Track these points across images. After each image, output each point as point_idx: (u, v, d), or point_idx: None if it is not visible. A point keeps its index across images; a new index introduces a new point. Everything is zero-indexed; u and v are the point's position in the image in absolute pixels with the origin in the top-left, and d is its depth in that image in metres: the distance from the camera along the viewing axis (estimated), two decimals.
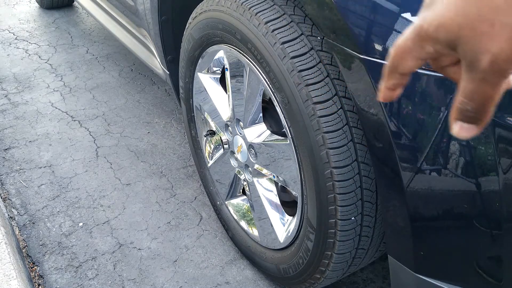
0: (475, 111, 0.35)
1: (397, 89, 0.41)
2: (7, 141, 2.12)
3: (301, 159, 1.02)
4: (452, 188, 0.77)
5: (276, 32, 0.97)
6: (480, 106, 0.34)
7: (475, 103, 0.34)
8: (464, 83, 0.34)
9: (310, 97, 0.92)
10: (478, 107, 0.34)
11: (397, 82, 0.40)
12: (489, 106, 0.34)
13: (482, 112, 0.35)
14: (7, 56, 2.94)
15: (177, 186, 1.83)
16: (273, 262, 1.30)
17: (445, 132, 0.74)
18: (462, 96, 0.35)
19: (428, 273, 0.86)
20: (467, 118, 0.35)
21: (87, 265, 1.50)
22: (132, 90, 2.54)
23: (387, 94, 0.42)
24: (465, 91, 0.34)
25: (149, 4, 1.56)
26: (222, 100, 1.36)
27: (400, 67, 0.38)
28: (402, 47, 0.37)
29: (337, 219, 0.98)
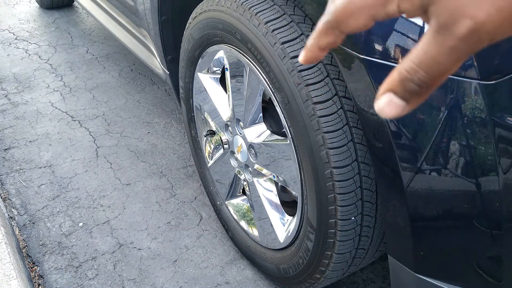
0: (422, 84, 0.28)
1: (326, 50, 0.34)
2: (7, 141, 2.12)
3: (301, 159, 1.02)
4: (452, 188, 0.77)
5: (276, 32, 0.97)
6: (432, 80, 0.28)
7: (429, 74, 0.28)
8: (425, 47, 0.28)
9: (310, 97, 0.92)
10: (429, 80, 0.28)
11: (332, 41, 0.33)
12: (439, 82, 0.29)
13: (428, 88, 0.29)
14: (7, 56, 2.94)
15: (177, 186, 1.83)
16: (273, 262, 1.30)
17: (445, 132, 0.74)
18: (415, 62, 0.28)
19: (428, 273, 0.86)
20: (405, 92, 0.29)
21: (87, 265, 1.50)
22: (132, 90, 2.54)
23: (314, 55, 0.35)
24: (422, 57, 0.28)
25: (149, 4, 1.56)
26: (222, 100, 1.36)
27: (345, 24, 0.32)
28: (358, 2, 0.31)
29: (337, 219, 0.98)
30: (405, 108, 0.29)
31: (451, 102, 0.72)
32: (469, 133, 0.72)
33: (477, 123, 0.71)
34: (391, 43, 0.75)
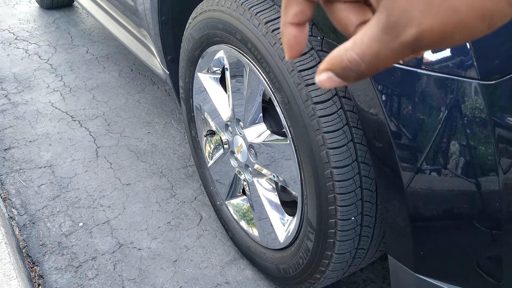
0: (361, 74, 0.29)
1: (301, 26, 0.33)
2: (7, 141, 2.12)
3: (301, 159, 1.02)
4: (452, 188, 0.77)
5: (276, 32, 0.97)
6: (370, 71, 0.29)
7: (369, 67, 0.29)
8: (369, 41, 0.28)
9: (310, 97, 0.92)
10: (368, 71, 0.29)
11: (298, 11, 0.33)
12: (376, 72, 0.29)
13: (365, 75, 0.30)
14: (7, 56, 2.94)
15: (177, 186, 1.83)
16: (273, 262, 1.30)
17: (445, 132, 0.74)
18: (359, 54, 0.29)
19: (428, 273, 0.86)
20: (345, 75, 0.30)
21: (87, 265, 1.50)
22: (132, 90, 2.54)
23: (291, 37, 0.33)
24: (365, 51, 0.28)
25: (149, 4, 1.56)
26: (222, 100, 1.36)
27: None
28: None
29: (337, 219, 0.98)
30: (343, 83, 0.30)
31: (451, 102, 0.72)
32: (469, 133, 0.72)
33: (477, 123, 0.71)
34: None
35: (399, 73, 0.75)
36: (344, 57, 0.29)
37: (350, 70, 0.29)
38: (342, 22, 0.33)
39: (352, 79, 0.30)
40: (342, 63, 0.29)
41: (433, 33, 0.26)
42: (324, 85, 0.31)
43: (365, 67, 0.29)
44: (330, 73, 0.30)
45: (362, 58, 0.28)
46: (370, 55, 0.28)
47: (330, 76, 0.30)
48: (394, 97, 0.77)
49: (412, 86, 0.75)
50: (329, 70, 0.30)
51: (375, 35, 0.28)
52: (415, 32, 0.26)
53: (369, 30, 0.28)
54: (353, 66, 0.29)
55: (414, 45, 0.27)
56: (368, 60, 0.28)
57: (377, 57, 0.28)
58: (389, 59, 0.28)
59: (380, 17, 0.28)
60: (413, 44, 0.27)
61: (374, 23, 0.28)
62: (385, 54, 0.28)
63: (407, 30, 0.27)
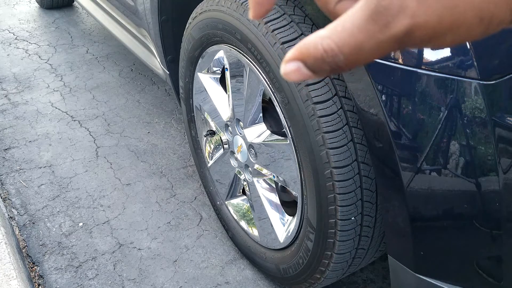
0: (336, 67, 0.25)
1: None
2: (7, 141, 2.12)
3: (301, 159, 1.02)
4: (452, 188, 0.77)
5: (276, 32, 0.97)
6: (347, 65, 0.25)
7: (347, 60, 0.25)
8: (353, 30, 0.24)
9: (310, 97, 0.92)
10: (345, 66, 0.25)
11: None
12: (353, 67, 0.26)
13: (340, 69, 0.26)
14: (7, 56, 2.94)
15: (177, 186, 1.83)
16: (273, 262, 1.30)
17: (445, 132, 0.74)
18: (338, 44, 0.25)
19: (428, 273, 0.86)
20: (317, 67, 0.26)
21: (87, 265, 1.50)
22: (132, 90, 2.54)
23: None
24: (346, 40, 0.24)
25: (149, 4, 1.56)
26: (222, 100, 1.36)
27: None
28: None
29: (337, 219, 0.98)
30: (312, 77, 0.27)
31: (451, 102, 0.72)
32: (469, 133, 0.72)
33: (477, 123, 0.71)
34: None
35: (399, 73, 0.75)
36: (319, 46, 0.25)
37: (325, 62, 0.25)
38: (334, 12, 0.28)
39: (323, 73, 0.26)
40: (317, 52, 0.25)
41: (426, 28, 0.24)
42: (289, 77, 0.27)
43: (342, 60, 0.25)
44: (299, 64, 0.26)
45: (341, 49, 0.25)
46: (351, 46, 0.24)
47: (299, 67, 0.26)
48: (394, 97, 0.77)
49: (412, 86, 0.75)
50: (299, 60, 0.26)
51: (360, 23, 0.24)
52: (407, 24, 0.23)
53: (353, 16, 0.24)
54: (328, 58, 0.25)
55: (403, 40, 0.24)
56: (347, 52, 0.25)
57: (359, 49, 0.24)
58: (371, 53, 0.25)
59: (369, 2, 0.24)
60: (402, 38, 0.24)
61: (360, 8, 0.24)
62: (368, 47, 0.24)
63: (398, 20, 0.23)
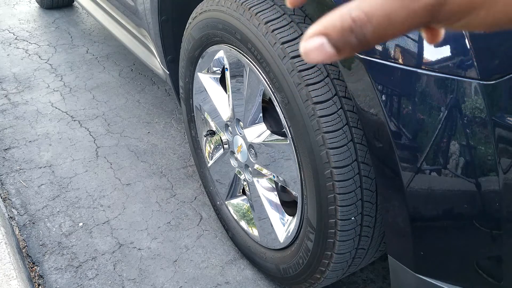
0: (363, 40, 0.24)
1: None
2: (7, 141, 2.12)
3: (301, 159, 1.02)
4: (452, 188, 0.77)
5: (276, 32, 0.97)
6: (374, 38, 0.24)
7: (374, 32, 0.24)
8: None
9: (310, 97, 0.92)
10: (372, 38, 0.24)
11: None
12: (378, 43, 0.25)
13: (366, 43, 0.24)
14: (7, 56, 2.94)
15: (177, 186, 1.83)
16: (273, 262, 1.30)
17: (445, 132, 0.74)
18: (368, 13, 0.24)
19: (428, 273, 0.86)
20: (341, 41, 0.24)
21: (87, 265, 1.50)
22: (132, 90, 2.54)
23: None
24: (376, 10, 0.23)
25: (149, 4, 1.56)
26: (222, 100, 1.36)
27: None
28: None
29: (337, 219, 0.98)
30: (334, 57, 0.25)
31: (451, 102, 0.72)
32: (469, 133, 0.72)
33: (477, 123, 0.71)
34: (391, 42, 0.75)
35: (399, 73, 0.75)
36: (347, 16, 0.24)
37: (352, 33, 0.24)
38: None
39: (348, 50, 0.24)
40: (344, 23, 0.24)
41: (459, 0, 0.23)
42: (310, 57, 0.25)
43: (371, 30, 0.24)
44: (323, 39, 0.24)
45: (371, 18, 0.23)
46: (380, 15, 0.23)
47: (322, 44, 0.24)
48: (394, 97, 0.77)
49: (412, 86, 0.75)
50: (323, 35, 0.24)
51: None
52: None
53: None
54: (357, 28, 0.24)
55: (435, 10, 0.23)
56: (377, 21, 0.23)
57: (389, 19, 0.23)
58: (401, 25, 0.24)
59: None
60: (434, 8, 0.23)
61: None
62: (399, 17, 0.23)
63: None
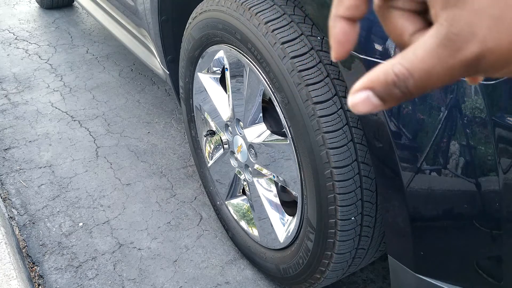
0: (407, 93, 0.26)
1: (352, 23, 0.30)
2: (7, 141, 2.12)
3: (301, 159, 1.02)
4: (452, 188, 0.77)
5: (276, 32, 0.97)
6: (417, 90, 0.26)
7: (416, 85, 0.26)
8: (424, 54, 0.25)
9: (310, 97, 0.92)
10: (415, 90, 0.26)
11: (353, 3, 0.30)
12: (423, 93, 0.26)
13: (410, 95, 0.26)
14: (7, 56, 2.94)
15: (177, 186, 1.83)
16: (273, 262, 1.30)
17: (445, 132, 0.74)
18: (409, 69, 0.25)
19: (428, 273, 0.86)
20: (387, 94, 0.26)
21: (87, 265, 1.50)
22: (132, 90, 2.54)
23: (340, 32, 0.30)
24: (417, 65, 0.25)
25: (149, 4, 1.56)
26: (222, 100, 1.36)
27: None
28: None
29: (337, 219, 0.98)
30: (380, 107, 0.27)
31: (451, 102, 0.72)
32: (469, 133, 0.72)
33: (477, 123, 0.71)
34: (391, 43, 0.75)
35: None
36: (390, 71, 0.26)
37: (396, 86, 0.26)
38: (398, 29, 0.29)
39: (392, 101, 0.26)
40: (388, 77, 0.26)
41: (497, 53, 0.24)
42: (357, 109, 0.27)
43: (413, 84, 0.25)
44: (368, 92, 0.27)
45: (412, 72, 0.25)
46: (421, 70, 0.25)
47: (368, 97, 0.27)
48: None
49: None
50: (368, 88, 0.27)
51: (431, 48, 0.25)
52: (478, 48, 0.24)
53: (424, 43, 0.25)
54: (400, 82, 0.26)
55: (473, 65, 0.25)
56: (418, 76, 0.25)
57: (429, 73, 0.25)
58: (441, 78, 0.25)
59: (440, 29, 0.25)
60: (473, 63, 0.24)
61: (431, 35, 0.25)
62: (438, 71, 0.25)
63: (468, 45, 0.24)
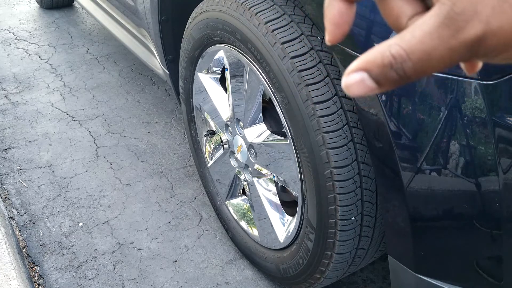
0: (404, 75, 0.25)
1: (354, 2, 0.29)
2: (7, 141, 2.12)
3: (301, 159, 1.02)
4: (452, 188, 0.77)
5: (276, 32, 0.97)
6: (414, 73, 0.25)
7: (415, 67, 0.24)
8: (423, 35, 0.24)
9: (310, 97, 0.92)
10: (413, 73, 0.25)
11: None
12: (419, 78, 0.25)
13: (406, 78, 0.25)
14: (7, 56, 2.94)
15: (177, 186, 1.83)
16: (273, 262, 1.30)
17: (445, 132, 0.74)
18: (407, 50, 0.24)
19: (428, 273, 0.86)
20: (382, 76, 0.25)
21: (87, 265, 1.50)
22: (132, 90, 2.54)
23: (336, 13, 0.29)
24: (415, 46, 0.24)
25: (149, 4, 1.56)
26: (222, 100, 1.36)
27: None
28: None
29: (337, 219, 0.98)
30: (375, 90, 0.26)
31: (451, 102, 0.72)
32: (469, 133, 0.72)
33: (477, 123, 0.71)
34: None
35: None
36: (386, 52, 0.25)
37: (392, 68, 0.25)
38: (394, 12, 0.28)
39: (389, 84, 0.25)
40: (384, 59, 0.25)
41: (500, 34, 0.23)
42: (351, 90, 0.26)
43: (411, 66, 0.24)
44: (363, 74, 0.26)
45: (410, 54, 0.24)
46: (420, 52, 0.24)
47: (363, 78, 0.26)
48: (394, 97, 0.77)
49: (412, 86, 0.75)
50: (363, 70, 0.26)
51: (431, 29, 0.24)
52: (480, 28, 0.23)
53: (424, 24, 0.24)
54: (397, 64, 0.24)
55: (475, 46, 0.24)
56: (416, 57, 0.24)
57: (428, 55, 0.24)
58: (441, 61, 0.24)
59: (442, 9, 0.24)
60: (474, 44, 0.24)
61: (431, 15, 0.24)
62: (438, 53, 0.24)
63: (471, 25, 0.23)
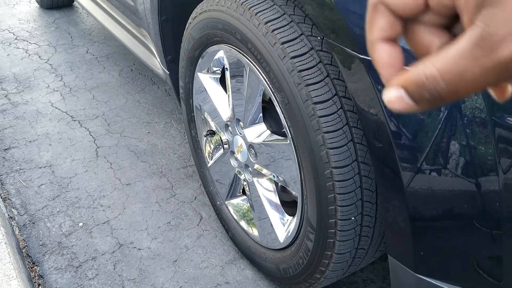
0: (437, 96, 0.25)
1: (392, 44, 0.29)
2: (7, 141, 2.12)
3: (301, 159, 1.02)
4: (452, 188, 0.77)
5: (276, 32, 0.97)
6: (448, 95, 0.25)
7: (448, 89, 0.24)
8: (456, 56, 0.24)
9: (310, 97, 0.92)
10: (446, 95, 0.25)
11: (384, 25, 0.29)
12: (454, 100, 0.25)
13: (441, 99, 0.25)
14: (7, 56, 2.94)
15: (177, 186, 1.83)
16: (273, 262, 1.30)
17: (445, 132, 0.74)
18: (440, 71, 0.24)
19: (428, 273, 0.86)
20: (418, 95, 0.26)
21: (87, 265, 1.50)
22: (132, 90, 2.54)
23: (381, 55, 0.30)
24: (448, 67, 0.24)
25: (149, 4, 1.56)
26: (222, 100, 1.36)
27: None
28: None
29: (337, 219, 0.98)
30: (414, 108, 0.27)
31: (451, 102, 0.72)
32: (469, 133, 0.72)
33: (477, 123, 0.71)
34: None
35: None
36: (421, 72, 0.25)
37: (425, 88, 0.25)
38: (424, 44, 0.28)
39: (425, 103, 0.25)
40: (418, 78, 0.25)
41: None
42: (392, 106, 0.27)
43: (444, 87, 0.24)
44: (401, 91, 0.26)
45: (443, 75, 0.24)
46: (453, 73, 0.24)
47: (401, 95, 0.26)
48: None
49: None
50: (401, 87, 0.26)
51: (464, 49, 0.24)
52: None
53: (457, 45, 0.24)
54: (430, 84, 0.25)
55: (509, 66, 0.23)
56: (449, 78, 0.24)
57: (461, 76, 0.24)
58: (474, 82, 0.24)
59: (475, 30, 0.23)
60: (508, 65, 0.23)
61: (464, 38, 0.24)
62: (471, 73, 0.23)
63: (505, 45, 0.22)
